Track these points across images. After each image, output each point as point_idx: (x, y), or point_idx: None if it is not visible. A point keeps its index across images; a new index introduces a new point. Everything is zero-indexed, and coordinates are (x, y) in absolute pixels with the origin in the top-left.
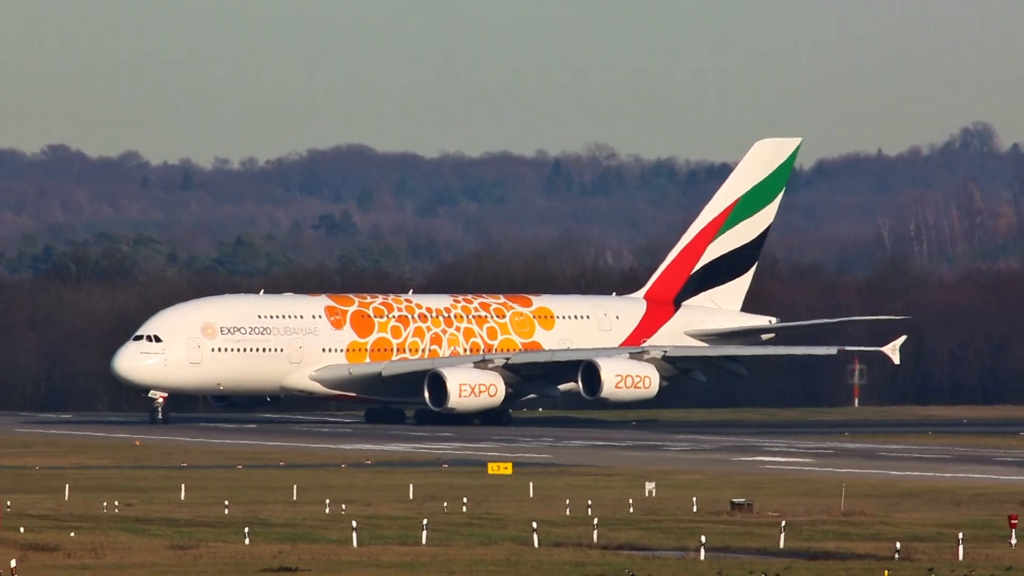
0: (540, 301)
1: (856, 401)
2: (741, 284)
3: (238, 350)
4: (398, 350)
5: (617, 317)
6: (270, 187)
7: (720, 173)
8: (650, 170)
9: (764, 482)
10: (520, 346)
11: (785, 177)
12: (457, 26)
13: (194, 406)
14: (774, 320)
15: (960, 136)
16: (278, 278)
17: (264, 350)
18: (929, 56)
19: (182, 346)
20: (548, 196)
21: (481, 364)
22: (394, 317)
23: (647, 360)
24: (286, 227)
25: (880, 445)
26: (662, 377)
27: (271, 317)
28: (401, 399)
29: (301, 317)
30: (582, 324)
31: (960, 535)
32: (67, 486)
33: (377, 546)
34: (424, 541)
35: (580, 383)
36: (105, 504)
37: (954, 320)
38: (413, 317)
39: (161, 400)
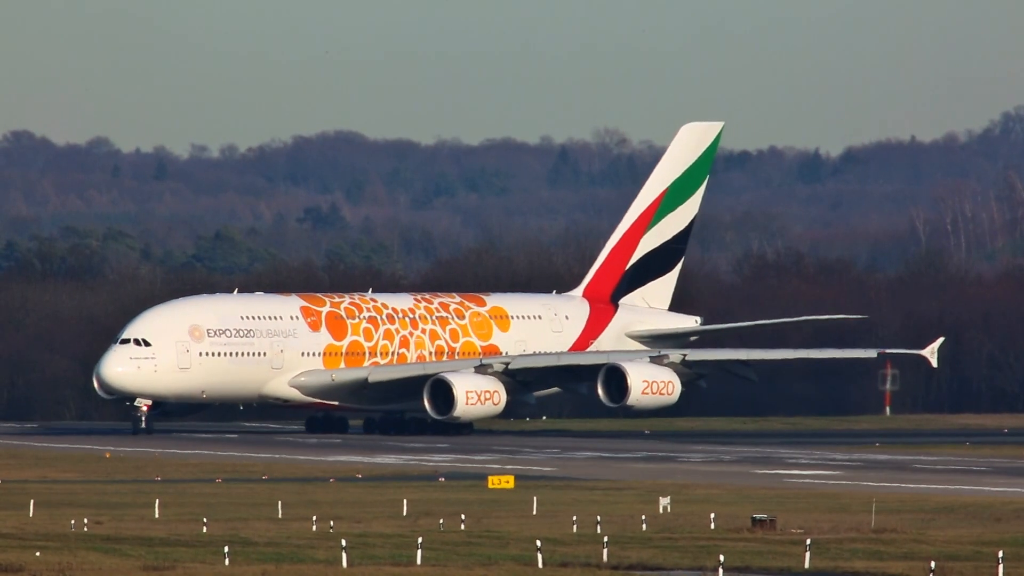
0: (493, 300)
1: (887, 409)
2: (669, 281)
3: (224, 355)
4: (370, 354)
5: (567, 317)
6: (252, 177)
7: (740, 160)
8: None
9: (788, 497)
10: (480, 349)
11: (709, 164)
12: (455, 1)
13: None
14: (699, 320)
15: (1000, 122)
16: (261, 275)
17: (248, 354)
18: (967, 36)
19: (171, 350)
20: (553, 186)
21: (480, 369)
22: (364, 319)
23: (666, 365)
24: (269, 220)
25: (913, 456)
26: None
27: (254, 318)
28: (385, 407)
29: (280, 318)
30: (535, 325)
31: (1000, 554)
32: (32, 502)
33: (368, 566)
34: (419, 561)
35: (601, 389)
36: (73, 521)
37: (994, 321)
38: (381, 318)
39: (145, 409)
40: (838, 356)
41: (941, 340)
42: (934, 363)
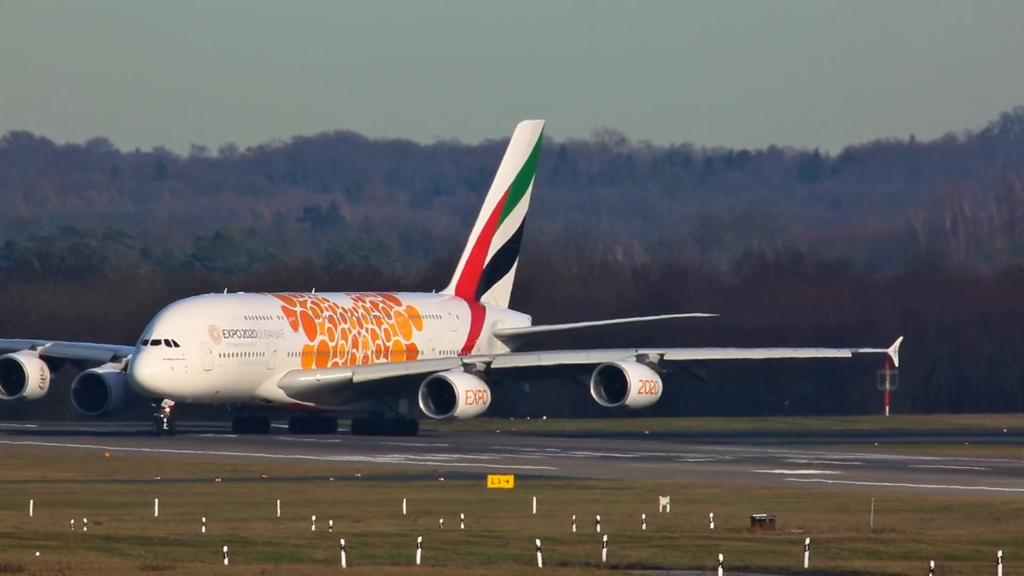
0: (405, 300)
1: (887, 409)
2: (509, 279)
3: (236, 355)
4: (333, 353)
5: (457, 317)
6: (251, 176)
7: (739, 161)
8: (663, 158)
9: (787, 496)
10: (404, 347)
11: (535, 162)
12: (454, 1)
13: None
14: (529, 320)
15: (999, 122)
16: (260, 275)
17: (251, 355)
18: (966, 36)
19: (197, 351)
20: (553, 186)
21: (467, 368)
22: (325, 319)
23: (647, 364)
24: (269, 220)
25: (912, 456)
26: None
27: (254, 319)
28: (369, 407)
29: (271, 318)
30: (439, 324)
31: (999, 553)
32: (31, 502)
33: (368, 566)
34: (419, 560)
35: (596, 390)
36: (73, 521)
37: (993, 321)
38: (336, 317)
39: (168, 409)
40: (812, 356)
41: (900, 340)
42: (896, 361)
